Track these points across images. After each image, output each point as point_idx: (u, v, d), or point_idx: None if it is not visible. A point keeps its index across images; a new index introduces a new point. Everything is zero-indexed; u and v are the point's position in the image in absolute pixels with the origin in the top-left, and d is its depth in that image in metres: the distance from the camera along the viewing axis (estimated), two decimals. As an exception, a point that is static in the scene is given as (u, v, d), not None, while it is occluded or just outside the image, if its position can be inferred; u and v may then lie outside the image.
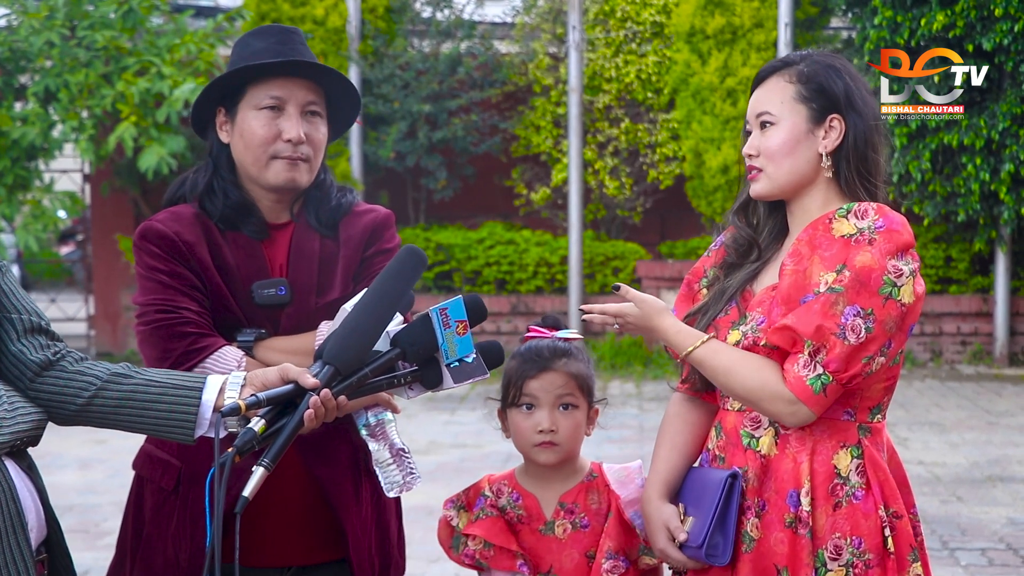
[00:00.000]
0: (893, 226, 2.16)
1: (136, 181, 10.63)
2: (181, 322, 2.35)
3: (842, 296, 2.12)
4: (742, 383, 2.19)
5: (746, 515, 2.22)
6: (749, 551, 2.21)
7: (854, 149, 2.24)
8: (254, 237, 2.46)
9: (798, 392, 2.14)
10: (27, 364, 2.08)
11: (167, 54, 9.91)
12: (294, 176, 2.43)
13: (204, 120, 2.52)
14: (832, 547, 2.17)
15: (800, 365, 2.14)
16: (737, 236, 2.37)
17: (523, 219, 11.87)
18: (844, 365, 2.12)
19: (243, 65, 2.43)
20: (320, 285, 2.46)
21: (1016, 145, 9.66)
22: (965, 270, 10.77)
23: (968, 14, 9.43)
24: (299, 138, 2.41)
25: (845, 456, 2.20)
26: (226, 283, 2.42)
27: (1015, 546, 5.34)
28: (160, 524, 2.45)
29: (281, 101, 2.42)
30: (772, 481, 2.21)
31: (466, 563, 2.50)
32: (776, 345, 2.17)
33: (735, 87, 10.63)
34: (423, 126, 11.10)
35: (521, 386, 2.44)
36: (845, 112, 2.24)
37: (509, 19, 12.23)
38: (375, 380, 2.12)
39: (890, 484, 2.22)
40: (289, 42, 2.46)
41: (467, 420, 8.23)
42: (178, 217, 2.46)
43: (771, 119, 2.26)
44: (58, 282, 16.67)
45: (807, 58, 2.30)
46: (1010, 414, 8.46)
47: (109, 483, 6.54)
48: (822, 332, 2.12)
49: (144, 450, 2.53)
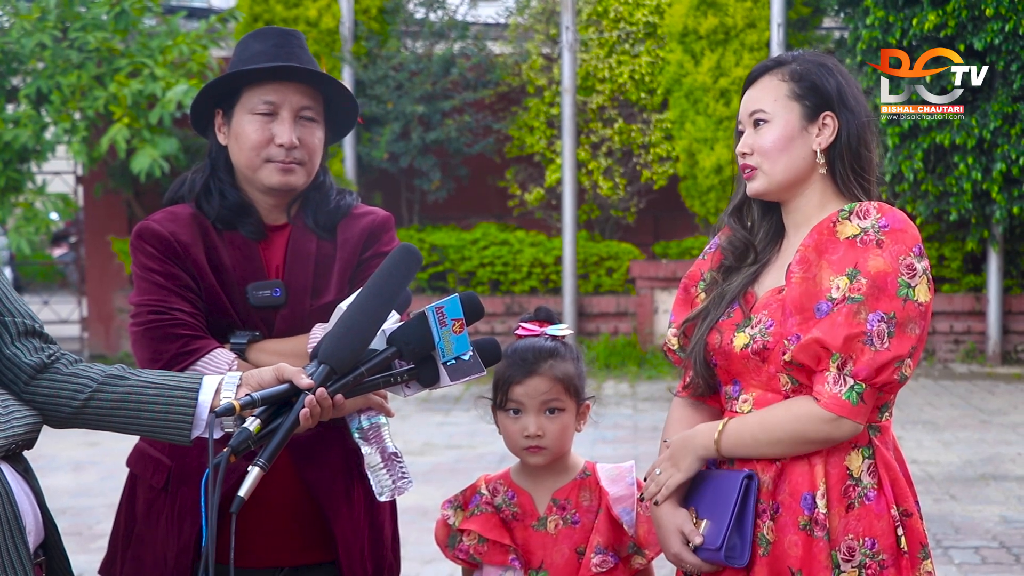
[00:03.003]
0: (897, 224, 2.16)
1: (129, 183, 10.61)
2: (173, 324, 2.35)
3: (863, 305, 2.12)
4: (781, 427, 2.17)
5: (762, 518, 2.22)
6: (766, 554, 2.21)
7: (847, 146, 2.25)
8: (251, 238, 2.46)
9: (837, 409, 2.13)
10: (22, 367, 2.08)
11: (160, 56, 9.90)
12: (288, 180, 2.44)
13: (204, 120, 2.53)
14: (845, 549, 2.17)
15: (831, 383, 2.14)
16: (732, 239, 2.36)
17: (517, 220, 11.88)
18: (875, 372, 2.12)
19: (235, 71, 2.42)
20: (315, 287, 2.47)
21: (1008, 144, 9.68)
22: (958, 269, 10.80)
23: (959, 14, 9.45)
24: (291, 143, 2.41)
25: (857, 457, 2.20)
26: (221, 284, 2.42)
27: (1008, 544, 5.35)
28: (151, 522, 2.45)
29: (274, 106, 2.42)
30: (787, 484, 2.21)
31: (461, 559, 2.52)
32: (801, 363, 2.16)
33: (728, 87, 10.64)
34: (416, 127, 11.10)
35: (507, 391, 2.46)
36: (838, 109, 2.25)
37: (502, 20, 12.23)
38: (371, 379, 2.12)
39: (900, 483, 2.22)
40: (287, 45, 2.45)
41: (461, 421, 8.23)
42: (175, 217, 2.46)
43: (765, 117, 2.26)
44: (51, 284, 16.63)
45: (799, 57, 2.30)
46: (1003, 412, 8.48)
47: (102, 485, 6.52)
48: (850, 342, 2.11)
49: (137, 447, 2.54)
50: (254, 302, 2.42)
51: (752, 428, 2.21)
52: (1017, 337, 10.73)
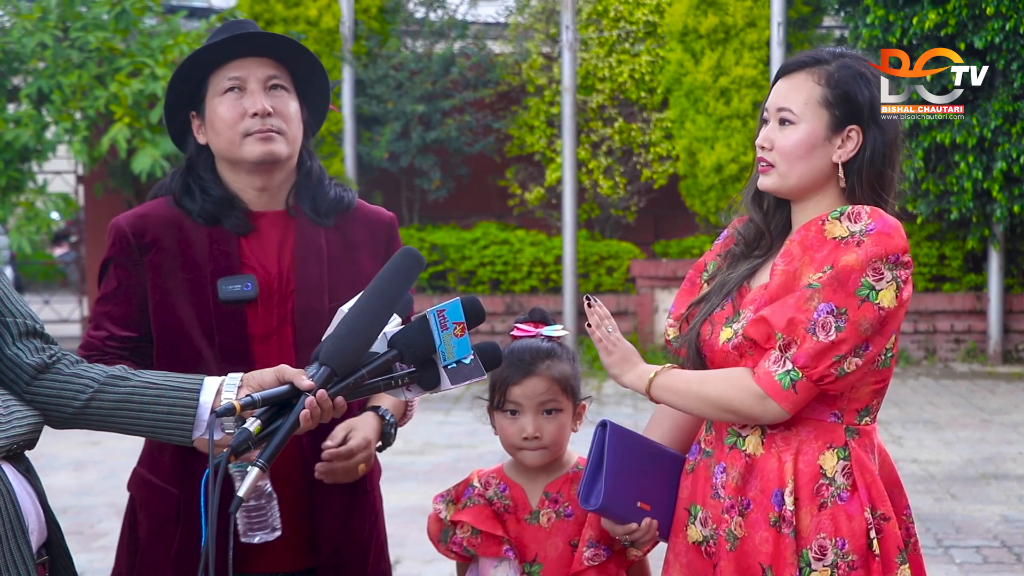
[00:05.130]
0: (884, 229, 2.14)
1: (130, 183, 10.62)
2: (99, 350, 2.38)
3: (818, 292, 2.11)
4: (713, 385, 2.19)
5: (729, 514, 2.22)
6: (733, 549, 2.21)
7: (870, 163, 2.21)
8: (235, 231, 2.43)
9: (766, 387, 2.13)
10: (23, 368, 2.08)
11: (160, 55, 9.90)
12: (271, 148, 2.39)
13: (182, 132, 2.50)
14: (817, 547, 2.17)
15: (771, 361, 2.14)
16: (747, 225, 2.34)
17: (517, 219, 11.88)
18: (812, 361, 2.10)
19: (194, 51, 2.41)
20: (331, 286, 2.43)
21: (1008, 143, 9.68)
22: (958, 268, 10.80)
23: (960, 12, 9.45)
24: (264, 110, 2.38)
25: (831, 457, 2.19)
26: (191, 281, 2.39)
27: (1009, 543, 5.35)
28: (157, 549, 2.42)
29: (241, 81, 2.40)
30: (757, 480, 2.21)
31: (454, 553, 2.52)
32: (752, 338, 2.17)
33: (728, 86, 10.64)
34: (417, 126, 11.10)
35: (505, 392, 2.47)
36: (866, 125, 2.20)
37: (502, 19, 12.23)
38: (372, 381, 2.12)
39: (877, 486, 2.21)
40: (242, 29, 2.43)
41: (461, 420, 8.24)
42: (145, 215, 2.44)
43: (791, 117, 2.21)
44: (52, 284, 16.63)
45: (840, 59, 2.23)
46: (1004, 412, 8.48)
47: (103, 484, 6.53)
48: (793, 325, 2.11)
49: (138, 473, 2.50)
50: (223, 296, 2.38)
51: (688, 378, 2.24)
52: (1018, 336, 10.73)
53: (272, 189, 2.46)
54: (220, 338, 2.38)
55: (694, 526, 2.29)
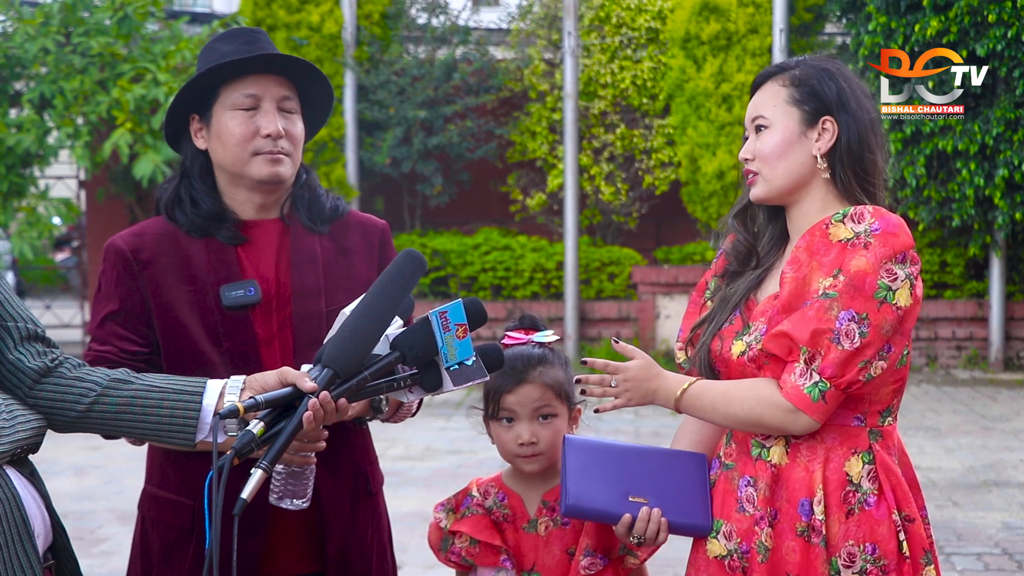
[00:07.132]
0: (889, 229, 2.16)
1: (131, 188, 10.63)
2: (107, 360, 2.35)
3: (836, 301, 2.12)
4: (740, 404, 2.19)
5: (759, 525, 2.22)
6: (764, 561, 2.20)
7: (848, 150, 2.25)
8: (228, 243, 2.43)
9: (796, 401, 2.14)
10: (25, 372, 2.08)
11: (162, 60, 9.92)
12: (277, 171, 2.41)
13: (178, 132, 2.50)
14: (846, 555, 2.16)
15: (796, 374, 2.15)
16: (736, 243, 2.38)
17: (519, 225, 11.89)
18: (840, 370, 2.12)
19: (216, 64, 2.40)
20: (328, 289, 2.44)
21: (1010, 150, 9.68)
22: (960, 275, 10.79)
23: (962, 20, 9.45)
24: (278, 132, 2.39)
25: (857, 462, 2.19)
26: (195, 293, 2.39)
27: (1010, 551, 5.35)
28: (172, 563, 2.41)
29: (256, 99, 2.41)
30: (783, 490, 2.21)
31: (453, 562, 2.53)
32: (773, 352, 2.18)
33: (730, 93, 10.65)
34: (419, 132, 11.11)
35: (499, 400, 2.47)
36: (837, 114, 2.25)
37: (504, 25, 12.25)
38: (375, 383, 2.12)
39: (902, 487, 2.22)
40: (256, 42, 2.44)
41: (463, 426, 8.23)
42: (141, 232, 2.44)
43: (765, 123, 2.28)
44: (53, 289, 16.65)
45: (802, 63, 2.32)
46: (1005, 419, 8.48)
47: (104, 489, 6.52)
48: (816, 336, 2.12)
49: (148, 492, 2.49)
50: (227, 303, 2.38)
51: (714, 396, 2.23)
52: (1019, 343, 10.72)
53: (269, 204, 2.49)
54: (228, 343, 2.38)
55: (716, 540, 2.28)
